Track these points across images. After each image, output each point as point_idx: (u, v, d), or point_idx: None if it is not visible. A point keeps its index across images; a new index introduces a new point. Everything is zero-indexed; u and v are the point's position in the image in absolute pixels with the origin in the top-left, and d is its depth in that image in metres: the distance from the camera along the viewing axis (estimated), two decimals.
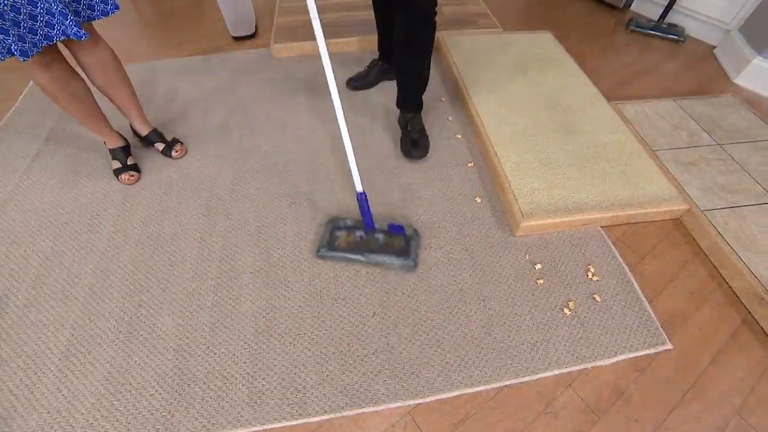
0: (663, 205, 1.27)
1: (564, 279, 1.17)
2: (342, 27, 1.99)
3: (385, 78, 1.77)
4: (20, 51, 0.97)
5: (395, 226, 1.20)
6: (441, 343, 1.04)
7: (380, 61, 1.73)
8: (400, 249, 1.17)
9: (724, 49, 1.95)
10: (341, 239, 1.20)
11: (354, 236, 1.20)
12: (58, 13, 0.97)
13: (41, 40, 1.00)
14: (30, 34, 0.98)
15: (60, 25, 0.99)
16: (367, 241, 1.19)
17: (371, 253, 1.16)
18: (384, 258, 1.15)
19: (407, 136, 1.47)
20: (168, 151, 1.45)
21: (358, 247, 1.18)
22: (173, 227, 1.29)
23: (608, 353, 1.03)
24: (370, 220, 1.17)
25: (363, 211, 1.16)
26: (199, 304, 1.12)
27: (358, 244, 1.19)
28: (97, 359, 1.02)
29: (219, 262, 1.20)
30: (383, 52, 1.70)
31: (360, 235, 1.20)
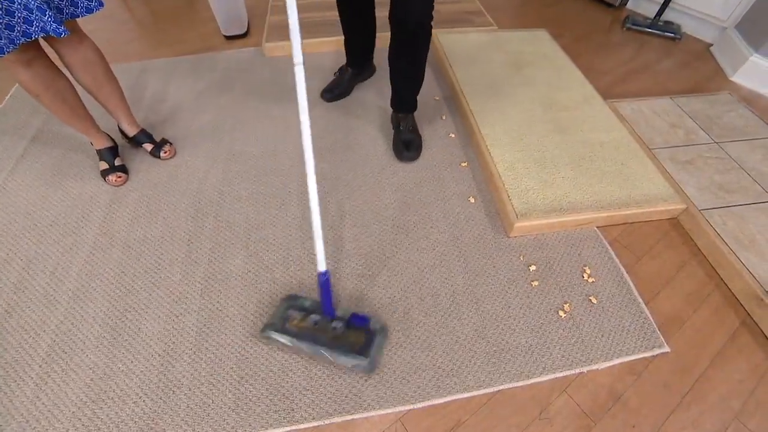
0: (660, 204, 1.24)
1: (559, 281, 1.15)
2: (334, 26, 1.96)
3: (359, 81, 1.73)
4: None
5: (358, 317, 1.02)
6: (433, 347, 1.02)
7: (350, 67, 1.67)
8: (358, 345, 0.97)
9: (720, 47, 1.93)
10: (294, 321, 1.01)
11: (308, 320, 1.01)
12: (35, 8, 0.94)
13: (18, 37, 0.97)
14: (7, 30, 0.95)
15: (38, 21, 0.96)
16: (321, 328, 1.00)
17: (321, 345, 0.97)
18: (333, 355, 0.96)
19: (399, 137, 1.45)
20: (156, 151, 1.42)
21: (309, 335, 0.99)
22: (161, 229, 1.26)
23: (604, 356, 1.00)
24: (329, 305, 0.99)
25: (323, 294, 0.97)
26: (186, 307, 1.09)
27: (309, 330, 0.99)
28: (79, 365, 0.99)
29: (207, 264, 1.18)
30: (353, 57, 1.64)
31: (314, 320, 1.00)
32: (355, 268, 1.16)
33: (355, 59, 1.64)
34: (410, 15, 1.16)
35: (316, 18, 2.02)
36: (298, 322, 1.01)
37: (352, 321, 1.01)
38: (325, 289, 0.96)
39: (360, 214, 1.29)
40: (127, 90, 1.63)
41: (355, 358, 0.95)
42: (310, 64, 1.86)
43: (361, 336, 0.99)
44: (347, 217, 1.28)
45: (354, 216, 1.29)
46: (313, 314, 1.01)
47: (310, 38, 1.89)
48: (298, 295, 1.08)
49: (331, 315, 1.01)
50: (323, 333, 0.99)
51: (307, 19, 2.01)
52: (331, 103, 1.67)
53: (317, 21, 1.99)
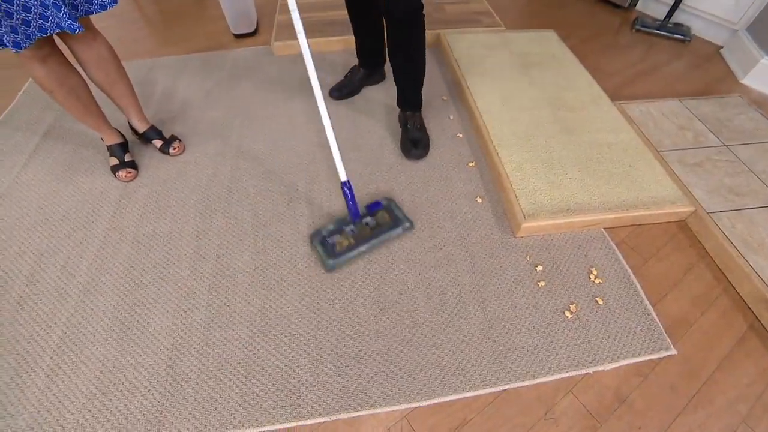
0: (668, 207, 1.24)
1: (566, 281, 1.15)
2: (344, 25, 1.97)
3: (368, 83, 1.73)
4: (13, 43, 0.95)
5: (373, 205, 1.24)
6: (439, 345, 1.02)
7: (361, 68, 1.68)
8: (390, 222, 1.21)
9: (731, 49, 1.91)
10: (339, 243, 1.17)
11: (347, 234, 1.19)
12: (51, 4, 0.96)
13: (35, 32, 0.98)
14: (23, 25, 0.96)
15: (54, 17, 0.98)
16: (360, 232, 1.19)
17: (371, 239, 1.17)
18: (384, 237, 1.18)
19: (407, 135, 1.45)
20: (166, 148, 1.44)
21: (357, 240, 1.17)
22: (169, 225, 1.27)
23: (610, 358, 1.00)
24: (355, 210, 1.17)
25: (348, 201, 1.15)
26: (194, 303, 1.10)
27: (356, 238, 1.18)
28: (89, 358, 1.00)
29: (215, 260, 1.18)
30: (363, 58, 1.65)
31: (350, 229, 1.19)
32: (362, 265, 1.17)
33: (365, 60, 1.64)
34: (397, 4, 1.16)
35: (325, 17, 2.02)
36: (342, 241, 1.18)
37: (371, 210, 1.24)
38: (348, 196, 1.13)
39: None
40: (137, 87, 1.64)
41: (397, 229, 1.20)
42: (320, 63, 1.87)
43: (385, 215, 1.24)
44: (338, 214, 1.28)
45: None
46: (346, 226, 1.19)
47: (320, 37, 1.90)
48: (319, 228, 1.20)
49: (358, 217, 1.19)
50: (365, 233, 1.19)
51: (316, 18, 2.02)
52: (340, 103, 1.67)
53: (325, 20, 2.00)
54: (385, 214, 1.23)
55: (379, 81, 1.75)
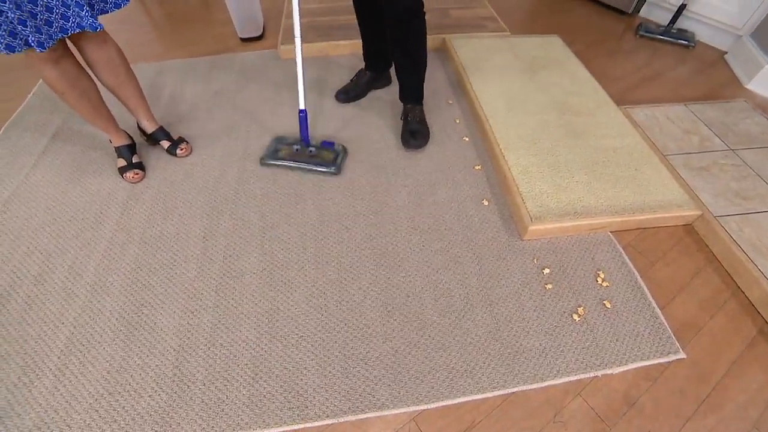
0: (674, 210, 1.24)
1: (573, 284, 1.14)
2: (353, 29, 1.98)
3: (375, 87, 1.73)
4: (37, 42, 0.97)
5: (327, 143, 1.43)
6: (447, 347, 1.01)
7: (368, 71, 1.68)
8: (329, 159, 1.39)
9: (735, 55, 1.92)
10: (282, 151, 1.42)
11: (291, 149, 1.42)
12: (74, 4, 0.97)
13: (57, 33, 0.99)
14: (46, 25, 0.97)
15: (75, 17, 0.99)
16: (301, 153, 1.41)
17: (302, 162, 1.38)
18: (311, 166, 1.38)
19: (407, 127, 1.49)
20: (173, 149, 1.44)
21: (293, 157, 1.40)
22: (176, 226, 1.27)
23: (619, 361, 0.99)
24: (306, 135, 1.38)
25: (301, 127, 1.36)
26: (201, 304, 1.10)
27: (293, 155, 1.41)
28: (96, 358, 1.00)
29: (222, 262, 1.18)
30: (369, 61, 1.65)
31: (296, 147, 1.42)
32: (370, 267, 1.17)
33: (372, 63, 1.65)
34: (398, 2, 1.19)
35: (333, 21, 2.04)
36: (285, 151, 1.42)
37: (323, 145, 1.44)
38: (303, 123, 1.35)
39: (374, 214, 1.30)
40: (146, 89, 1.65)
41: (327, 167, 1.37)
42: (327, 66, 1.88)
43: (330, 154, 1.41)
44: (361, 218, 1.29)
45: (368, 216, 1.29)
46: (294, 144, 1.43)
47: (328, 41, 1.91)
48: (284, 135, 1.48)
49: (307, 142, 1.41)
50: (303, 155, 1.41)
51: (324, 23, 2.03)
52: (347, 107, 1.68)
53: (334, 24, 2.01)
54: (330, 154, 1.41)
55: (385, 85, 1.75)
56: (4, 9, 0.91)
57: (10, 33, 0.95)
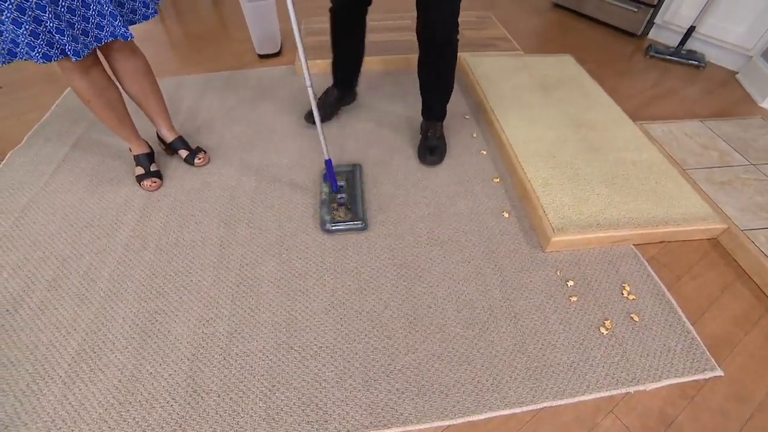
0: (699, 223, 1.21)
1: (598, 297, 1.10)
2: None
3: (343, 104, 1.70)
4: (73, 51, 0.98)
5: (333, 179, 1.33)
6: (471, 360, 0.97)
7: (336, 88, 1.64)
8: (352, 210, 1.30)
9: (747, 75, 1.93)
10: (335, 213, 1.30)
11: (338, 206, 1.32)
12: (108, 14, 0.99)
13: (91, 42, 1.01)
14: (82, 35, 0.99)
15: (109, 26, 1.01)
16: (332, 199, 1.33)
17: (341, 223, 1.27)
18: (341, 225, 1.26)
19: (425, 143, 1.49)
20: (191, 158, 1.44)
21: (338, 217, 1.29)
22: (193, 234, 1.25)
23: (651, 377, 0.94)
24: (334, 184, 1.32)
25: (329, 175, 1.30)
26: (217, 313, 1.06)
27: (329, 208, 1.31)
28: (108, 366, 0.96)
29: (239, 270, 1.16)
30: (340, 78, 1.62)
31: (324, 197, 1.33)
32: (391, 278, 1.14)
33: (342, 80, 1.62)
34: (437, 33, 1.21)
35: None
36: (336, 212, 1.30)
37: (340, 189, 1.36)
38: (330, 171, 1.29)
39: (393, 225, 1.27)
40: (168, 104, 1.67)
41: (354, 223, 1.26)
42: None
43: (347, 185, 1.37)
44: (380, 228, 1.26)
45: (387, 226, 1.27)
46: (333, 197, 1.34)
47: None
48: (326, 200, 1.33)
49: (336, 190, 1.34)
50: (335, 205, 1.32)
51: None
52: (362, 119, 1.68)
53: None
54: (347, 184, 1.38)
55: (350, 102, 1.71)
56: (44, 19, 0.92)
57: (48, 43, 0.96)
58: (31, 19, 0.91)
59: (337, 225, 1.25)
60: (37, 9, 0.90)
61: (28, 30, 0.92)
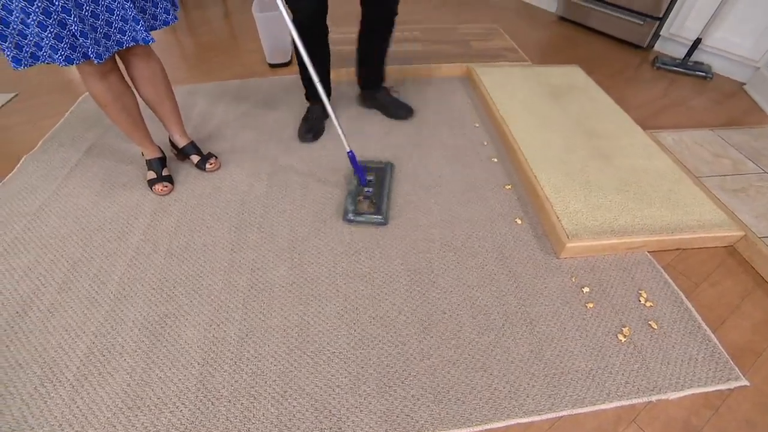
0: (715, 230, 1.19)
1: (615, 304, 1.08)
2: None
3: (325, 117, 1.67)
4: (96, 54, 0.99)
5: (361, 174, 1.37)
6: (488, 367, 0.94)
7: (317, 103, 1.63)
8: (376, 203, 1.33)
9: (755, 86, 1.93)
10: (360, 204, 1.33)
11: (363, 199, 1.35)
12: (131, 19, 1.00)
13: (113, 46, 1.02)
14: (104, 39, 1.00)
15: (131, 31, 1.03)
16: (359, 191, 1.36)
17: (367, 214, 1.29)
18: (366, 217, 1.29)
19: (390, 105, 1.69)
20: (202, 164, 1.44)
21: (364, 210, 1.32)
22: (203, 238, 1.24)
23: (674, 386, 0.92)
24: (362, 176, 1.37)
25: (355, 167, 1.34)
26: (228, 317, 1.05)
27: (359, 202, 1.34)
28: (117, 369, 0.94)
29: (250, 274, 1.14)
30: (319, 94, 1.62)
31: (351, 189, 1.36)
32: (404, 283, 1.12)
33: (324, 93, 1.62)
34: (392, 4, 1.41)
35: None
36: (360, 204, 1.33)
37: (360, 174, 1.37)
38: (354, 163, 1.32)
39: (406, 231, 1.26)
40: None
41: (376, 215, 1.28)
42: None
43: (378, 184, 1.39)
44: (393, 233, 1.25)
45: (401, 231, 1.26)
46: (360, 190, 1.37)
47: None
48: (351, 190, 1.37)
49: (365, 183, 1.38)
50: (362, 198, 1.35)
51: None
52: (373, 122, 1.68)
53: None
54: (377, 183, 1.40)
55: (326, 117, 1.70)
56: (68, 22, 0.94)
57: (71, 46, 0.97)
58: (56, 23, 0.92)
59: (358, 216, 1.27)
60: (62, 12, 0.92)
61: (52, 33, 0.93)
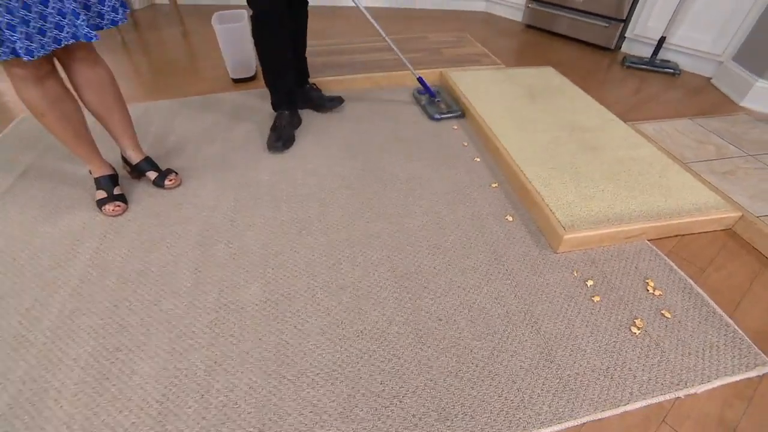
0: (713, 213, 1.18)
1: (622, 295, 1.03)
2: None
3: (295, 126, 1.65)
4: (26, 50, 0.90)
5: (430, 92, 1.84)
6: (494, 375, 0.86)
7: (286, 110, 1.60)
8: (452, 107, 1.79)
9: (721, 79, 2.02)
10: (434, 105, 1.79)
11: (433, 101, 1.82)
12: (70, 12, 0.92)
13: (49, 44, 0.94)
14: (39, 34, 0.92)
15: (71, 26, 0.94)
16: (436, 103, 1.81)
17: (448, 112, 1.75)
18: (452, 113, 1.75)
19: (318, 99, 1.75)
20: (160, 180, 1.34)
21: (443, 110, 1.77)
22: (163, 259, 1.12)
23: (699, 378, 0.86)
24: (431, 91, 1.82)
25: (425, 86, 1.79)
26: (192, 344, 0.93)
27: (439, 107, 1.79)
28: (49, 420, 0.80)
29: (217, 294, 1.03)
30: (287, 99, 1.60)
31: (432, 101, 1.82)
32: (393, 291, 1.04)
33: (291, 97, 1.61)
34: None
35: (354, 59, 2.08)
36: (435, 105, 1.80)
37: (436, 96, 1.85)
38: (424, 84, 1.79)
39: (389, 236, 1.19)
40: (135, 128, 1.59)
41: (454, 112, 1.75)
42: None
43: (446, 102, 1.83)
44: (375, 240, 1.18)
45: (383, 238, 1.18)
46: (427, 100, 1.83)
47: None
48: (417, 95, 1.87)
49: (434, 96, 1.84)
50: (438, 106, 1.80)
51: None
52: (351, 131, 1.64)
53: (356, 61, 2.05)
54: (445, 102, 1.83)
55: (299, 124, 1.68)
56: None
57: None
58: None
59: (443, 114, 1.72)
60: None
61: None
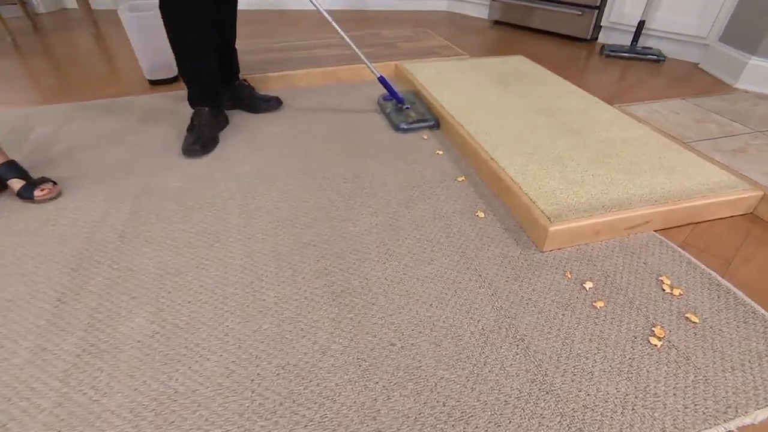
0: (730, 193, 1.06)
1: (632, 298, 0.87)
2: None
3: (220, 128, 1.53)
4: None
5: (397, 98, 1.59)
6: (469, 417, 0.67)
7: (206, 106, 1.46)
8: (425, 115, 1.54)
9: (709, 61, 2.00)
10: (402, 113, 1.55)
11: (401, 109, 1.58)
12: None
13: None
14: None
15: None
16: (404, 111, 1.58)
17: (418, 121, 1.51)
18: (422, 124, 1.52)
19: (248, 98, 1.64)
20: (28, 191, 1.13)
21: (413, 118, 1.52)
22: (12, 291, 0.90)
23: (753, 402, 0.69)
24: (398, 96, 1.57)
25: (389, 89, 1.54)
26: (33, 403, 0.70)
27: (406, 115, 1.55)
28: None
29: (84, 331, 0.81)
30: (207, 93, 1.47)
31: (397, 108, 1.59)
32: (328, 311, 0.84)
33: (211, 91, 1.47)
34: None
35: (294, 56, 1.96)
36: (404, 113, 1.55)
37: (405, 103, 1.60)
38: (387, 85, 1.53)
39: (326, 243, 1.01)
40: (3, 135, 1.40)
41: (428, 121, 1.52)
42: None
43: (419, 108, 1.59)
44: (308, 250, 0.99)
45: (318, 247, 1.00)
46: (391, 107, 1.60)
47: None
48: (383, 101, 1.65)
49: (402, 101, 1.59)
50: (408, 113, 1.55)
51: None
52: (289, 129, 1.49)
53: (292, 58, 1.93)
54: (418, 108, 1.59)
55: (225, 125, 1.55)
56: None
57: None
58: None
59: (412, 124, 1.48)
60: None
61: None
